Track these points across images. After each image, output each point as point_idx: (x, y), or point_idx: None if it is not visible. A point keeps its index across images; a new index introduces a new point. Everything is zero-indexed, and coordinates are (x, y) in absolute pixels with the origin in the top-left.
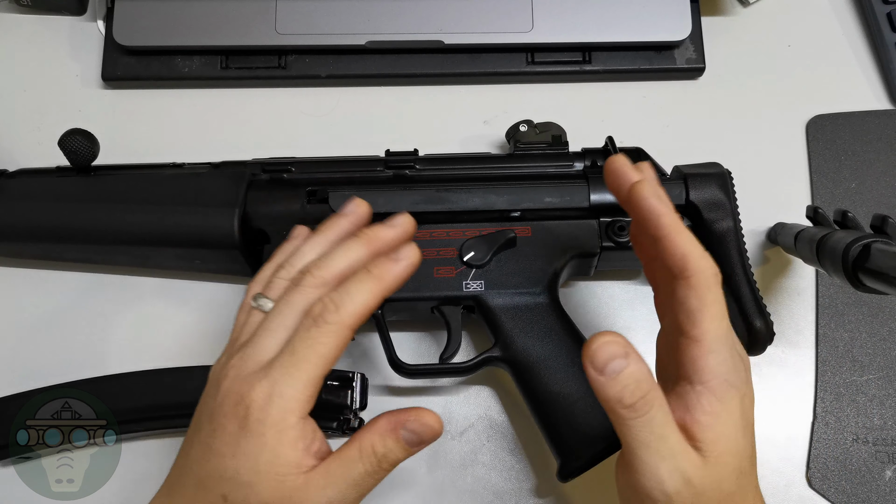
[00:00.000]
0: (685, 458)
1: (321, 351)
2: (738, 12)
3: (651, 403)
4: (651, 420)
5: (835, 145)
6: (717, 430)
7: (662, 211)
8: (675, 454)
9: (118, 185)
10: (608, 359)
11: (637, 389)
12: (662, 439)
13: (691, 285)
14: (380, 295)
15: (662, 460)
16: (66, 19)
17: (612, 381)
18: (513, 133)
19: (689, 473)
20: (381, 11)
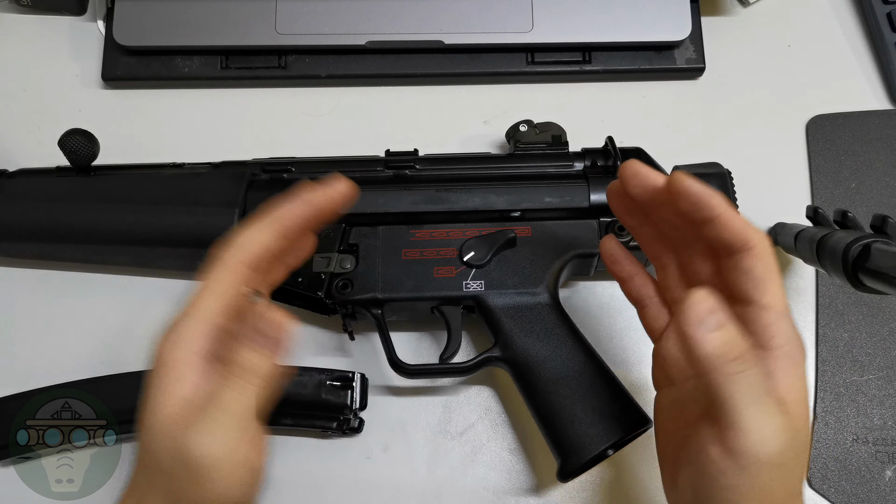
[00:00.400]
0: (785, 421)
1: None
2: (738, 12)
3: (753, 360)
4: (755, 374)
5: (835, 145)
6: (798, 392)
7: (711, 193)
8: (777, 411)
9: (118, 185)
10: (707, 313)
11: (739, 345)
12: (766, 395)
13: (757, 255)
14: (274, 231)
15: (769, 417)
16: (66, 19)
17: (713, 335)
18: (513, 133)
19: (788, 435)
20: (381, 11)
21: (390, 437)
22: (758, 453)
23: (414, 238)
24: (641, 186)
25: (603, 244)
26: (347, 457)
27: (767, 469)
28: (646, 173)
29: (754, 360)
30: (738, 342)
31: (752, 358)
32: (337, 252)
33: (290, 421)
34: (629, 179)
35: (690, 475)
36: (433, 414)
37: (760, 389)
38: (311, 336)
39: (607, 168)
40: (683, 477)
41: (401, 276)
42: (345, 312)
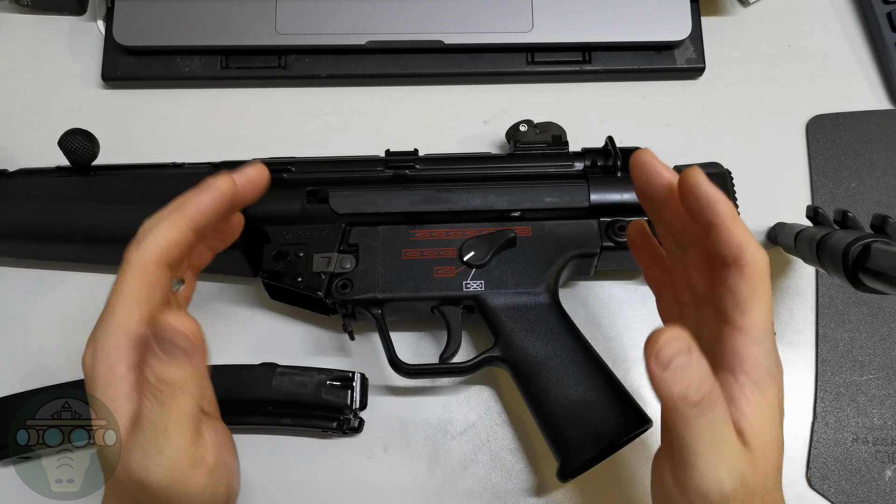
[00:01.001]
0: (741, 458)
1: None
2: (738, 12)
3: (715, 401)
4: (714, 418)
5: (835, 145)
6: (761, 424)
7: (719, 198)
8: (733, 454)
9: (118, 185)
10: (674, 354)
11: (702, 386)
12: (724, 438)
13: (745, 274)
14: (182, 225)
15: (722, 459)
16: (66, 19)
17: (677, 377)
18: (513, 133)
19: (744, 472)
20: (381, 11)
21: (390, 437)
22: (707, 491)
23: (414, 238)
24: (646, 178)
25: (629, 229)
26: (347, 457)
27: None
28: (653, 165)
29: (720, 399)
30: (703, 384)
31: (717, 396)
32: (337, 252)
33: (289, 421)
34: (636, 170)
35: (656, 493)
36: (433, 414)
37: (716, 432)
38: (310, 336)
39: (607, 168)
40: (653, 493)
41: (401, 275)
42: (345, 312)
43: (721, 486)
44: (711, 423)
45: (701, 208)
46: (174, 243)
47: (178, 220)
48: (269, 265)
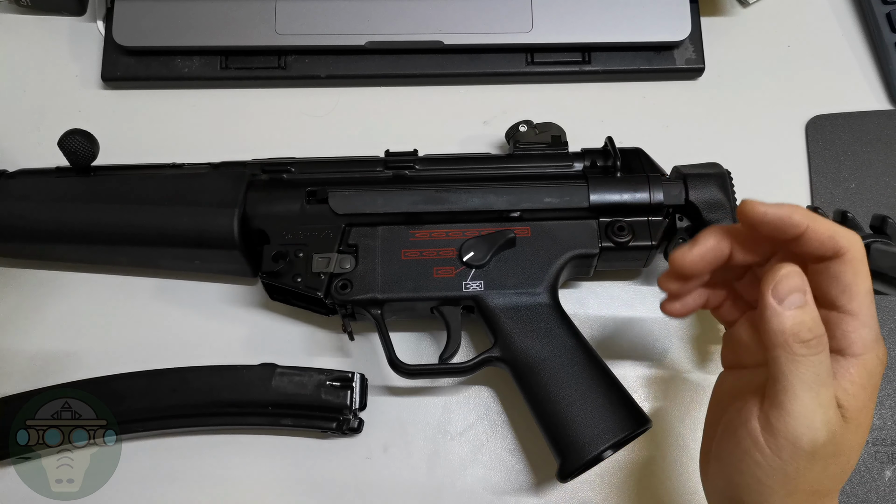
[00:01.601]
0: (836, 414)
1: None
2: (737, 13)
3: (824, 346)
4: (820, 363)
5: (834, 146)
6: (862, 400)
7: (788, 210)
8: (830, 405)
9: (118, 185)
10: (791, 290)
11: (816, 326)
12: (824, 386)
13: (847, 260)
14: None
15: (820, 407)
16: (66, 20)
17: (791, 313)
18: (512, 133)
19: (835, 430)
20: (381, 12)
21: (390, 438)
22: (797, 439)
23: (413, 238)
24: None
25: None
26: (347, 457)
27: (801, 457)
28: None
29: (823, 349)
30: (813, 326)
31: (822, 346)
32: (336, 252)
33: (289, 421)
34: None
35: (726, 445)
36: (433, 414)
37: (819, 379)
38: (310, 336)
39: (607, 168)
40: (719, 446)
41: (400, 276)
42: (344, 312)
43: (815, 433)
44: (817, 366)
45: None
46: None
47: None
48: (268, 265)
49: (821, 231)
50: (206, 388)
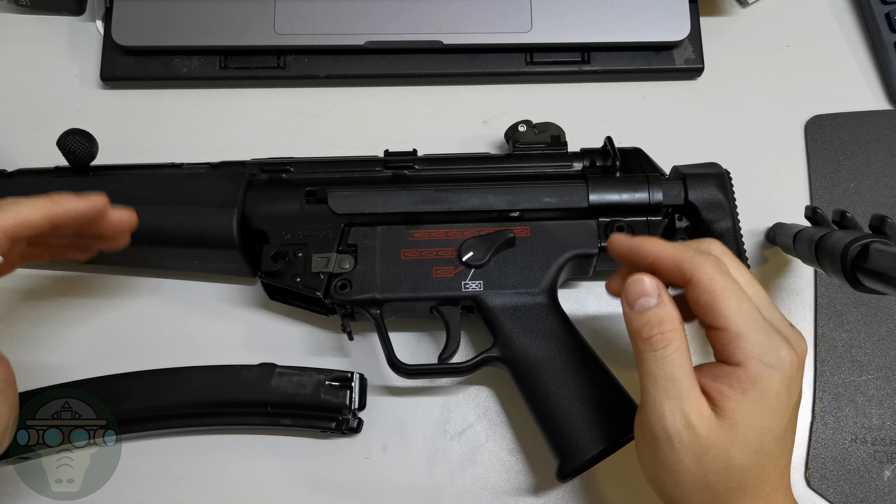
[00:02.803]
0: (692, 405)
1: None
2: (736, 12)
3: (668, 342)
4: (664, 357)
5: (833, 145)
6: (739, 403)
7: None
8: (681, 397)
9: (117, 185)
10: (639, 294)
11: (657, 326)
12: (671, 379)
13: (694, 284)
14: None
15: (667, 398)
16: (65, 19)
17: (638, 314)
18: (512, 133)
19: (692, 419)
20: (380, 12)
21: (389, 438)
22: (652, 425)
23: (413, 238)
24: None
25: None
26: (346, 457)
27: (663, 446)
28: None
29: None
30: (660, 324)
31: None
32: (336, 252)
33: (288, 421)
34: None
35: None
36: (432, 414)
37: (666, 372)
38: (309, 336)
39: (606, 168)
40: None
41: (399, 276)
42: (344, 312)
43: (662, 421)
44: (660, 360)
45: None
46: (30, 222)
47: (44, 207)
48: (267, 265)
49: (666, 260)
50: (205, 388)
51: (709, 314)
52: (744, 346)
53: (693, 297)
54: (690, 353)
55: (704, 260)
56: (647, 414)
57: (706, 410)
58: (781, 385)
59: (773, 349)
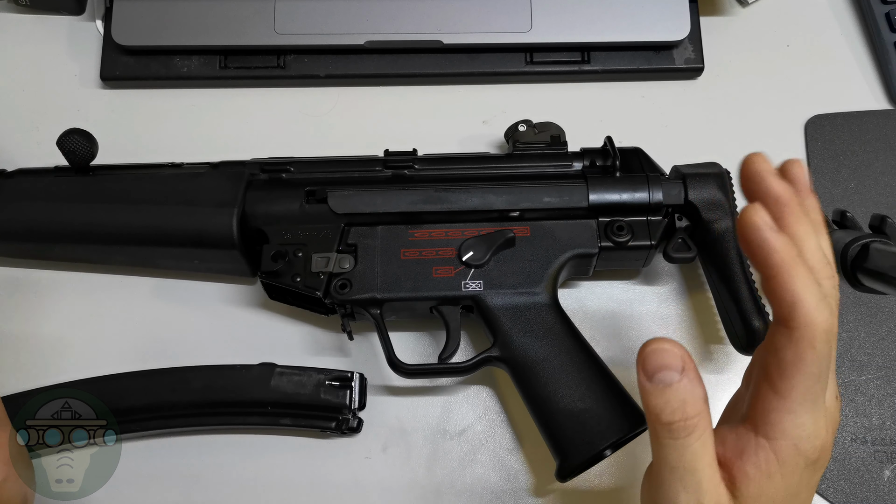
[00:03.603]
0: (710, 498)
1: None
2: (736, 12)
3: (691, 430)
4: (685, 447)
5: (833, 145)
6: (762, 488)
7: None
8: (699, 490)
9: (117, 185)
10: (660, 367)
11: (680, 410)
12: (691, 472)
13: (793, 338)
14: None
15: (684, 490)
16: (65, 19)
17: (658, 391)
18: (511, 133)
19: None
20: (380, 11)
21: (389, 437)
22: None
23: (413, 238)
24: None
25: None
26: (346, 457)
27: None
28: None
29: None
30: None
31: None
32: (336, 252)
33: (288, 421)
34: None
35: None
36: (432, 414)
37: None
38: (309, 336)
39: (606, 168)
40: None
41: (399, 275)
42: (343, 312)
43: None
44: (680, 449)
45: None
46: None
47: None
48: (267, 265)
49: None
50: (205, 388)
51: (778, 370)
52: (787, 425)
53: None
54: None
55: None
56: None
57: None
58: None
59: (812, 438)
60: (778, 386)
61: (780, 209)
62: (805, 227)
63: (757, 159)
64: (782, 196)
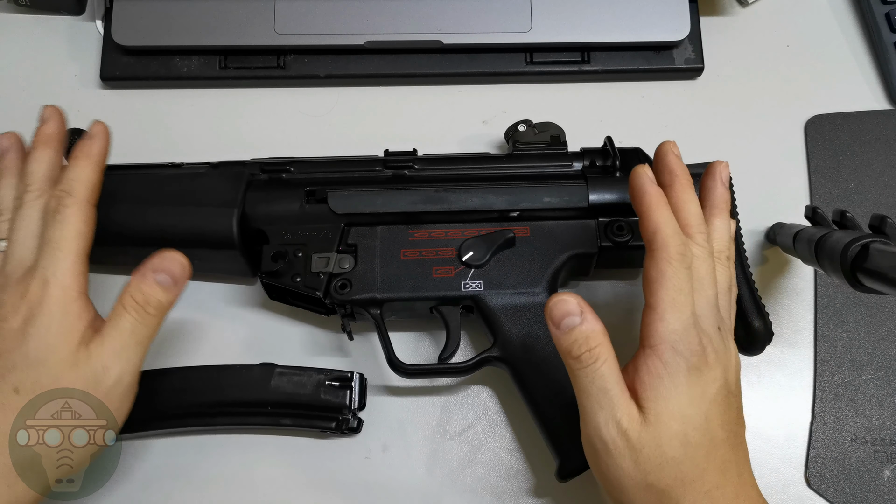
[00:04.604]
0: (623, 411)
1: (74, 229)
2: (736, 12)
3: (596, 357)
4: (594, 371)
5: (833, 145)
6: (657, 390)
7: (647, 190)
8: (612, 406)
9: (116, 185)
10: (563, 315)
11: (584, 344)
12: (603, 391)
13: (654, 258)
14: (96, 167)
15: (600, 409)
16: (65, 19)
17: (565, 334)
18: (511, 133)
19: (624, 425)
20: (380, 11)
21: (389, 438)
22: (590, 437)
23: (413, 238)
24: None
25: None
26: (346, 457)
27: (602, 454)
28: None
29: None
30: (587, 342)
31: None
32: (336, 252)
33: (288, 421)
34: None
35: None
36: (432, 414)
37: (602, 382)
38: (309, 336)
39: (606, 168)
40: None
41: (399, 276)
42: (343, 312)
43: (598, 431)
44: (591, 375)
45: (633, 199)
46: (94, 182)
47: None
48: (267, 265)
49: (650, 220)
50: (205, 388)
51: (648, 287)
52: (661, 329)
53: (647, 265)
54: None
55: (677, 243)
56: (586, 427)
57: (634, 412)
58: (691, 375)
59: (686, 341)
60: (650, 301)
61: (672, 178)
62: (687, 195)
63: (669, 144)
64: (675, 169)
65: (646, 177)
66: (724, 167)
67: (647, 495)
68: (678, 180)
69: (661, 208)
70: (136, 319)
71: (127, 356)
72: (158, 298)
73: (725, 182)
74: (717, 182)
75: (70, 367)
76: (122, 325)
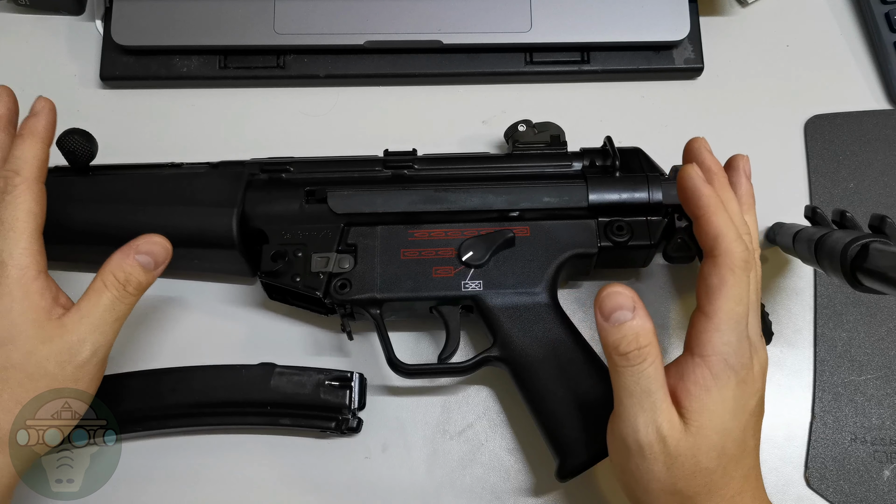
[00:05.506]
0: (664, 417)
1: (24, 208)
2: (736, 12)
3: (644, 357)
4: (640, 372)
5: (833, 145)
6: (703, 402)
7: (704, 191)
8: (655, 409)
9: (116, 185)
10: (615, 308)
11: (634, 341)
12: (647, 393)
13: (716, 264)
14: (42, 144)
15: (642, 411)
16: (64, 19)
17: (614, 328)
18: (511, 133)
19: (664, 431)
20: (380, 11)
21: (389, 437)
22: (623, 438)
23: (412, 238)
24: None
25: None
26: (346, 457)
27: (634, 456)
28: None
29: (650, 358)
30: (636, 339)
31: (648, 354)
32: (335, 252)
33: (288, 421)
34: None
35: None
36: (432, 414)
37: (641, 386)
38: (309, 336)
39: (606, 168)
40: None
41: (399, 275)
42: (343, 312)
43: (636, 434)
44: (636, 375)
45: (687, 200)
46: (42, 160)
47: (35, 141)
48: (267, 265)
49: (711, 224)
50: (205, 388)
51: (706, 295)
52: (716, 341)
53: (706, 272)
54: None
55: (740, 250)
56: (621, 425)
57: (676, 420)
58: (738, 388)
59: (738, 354)
60: (706, 309)
61: (710, 176)
62: (728, 193)
63: (701, 141)
64: (713, 167)
65: (698, 177)
66: (746, 160)
67: (671, 499)
68: (717, 178)
69: (721, 211)
70: (115, 296)
71: (103, 331)
72: (139, 279)
73: (749, 175)
74: (741, 176)
75: (42, 342)
76: (101, 300)
